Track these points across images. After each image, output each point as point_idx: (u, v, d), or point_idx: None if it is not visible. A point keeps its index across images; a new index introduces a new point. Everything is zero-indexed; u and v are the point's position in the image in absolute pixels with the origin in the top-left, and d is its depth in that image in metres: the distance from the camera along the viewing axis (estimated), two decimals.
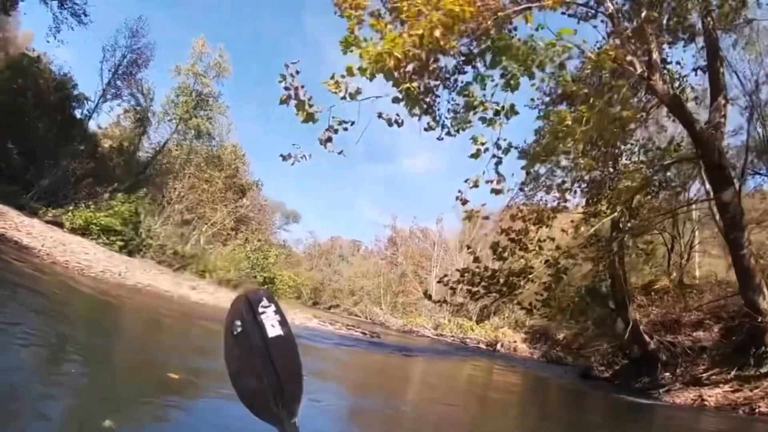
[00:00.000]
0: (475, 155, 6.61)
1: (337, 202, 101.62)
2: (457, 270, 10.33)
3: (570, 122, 6.32)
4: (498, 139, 6.59)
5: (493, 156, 7.25)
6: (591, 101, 6.78)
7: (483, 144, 6.45)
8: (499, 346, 34.96)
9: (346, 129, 6.81)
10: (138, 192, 23.81)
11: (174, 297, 14.79)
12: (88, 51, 65.01)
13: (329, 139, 6.73)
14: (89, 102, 27.69)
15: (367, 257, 65.85)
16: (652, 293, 19.38)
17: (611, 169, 14.42)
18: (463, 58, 9.08)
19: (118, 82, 29.98)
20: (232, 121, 35.53)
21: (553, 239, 9.85)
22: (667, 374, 14.72)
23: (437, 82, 9.62)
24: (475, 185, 7.34)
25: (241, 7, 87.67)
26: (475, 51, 8.46)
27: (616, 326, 16.68)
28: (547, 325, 35.05)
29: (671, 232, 21.61)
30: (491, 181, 7.11)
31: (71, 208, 21.05)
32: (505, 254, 9.17)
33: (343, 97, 6.18)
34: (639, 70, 8.21)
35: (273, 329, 0.82)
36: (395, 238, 60.32)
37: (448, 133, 10.32)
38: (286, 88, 6.14)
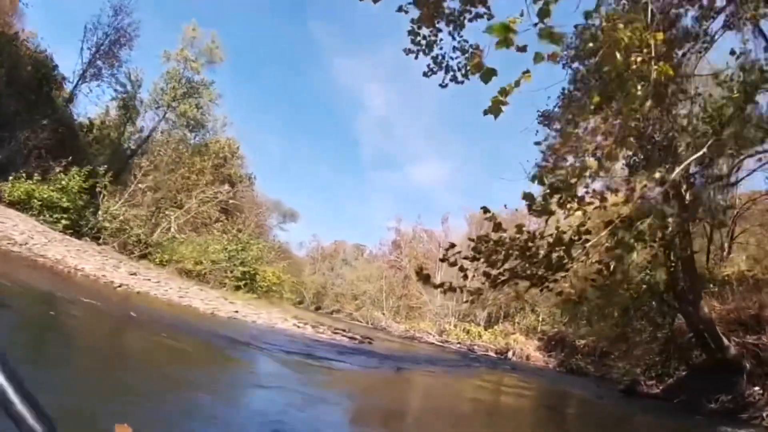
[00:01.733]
0: None
1: (343, 208, 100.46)
2: (470, 239, 6.67)
3: None
4: None
5: None
6: None
7: None
8: (510, 354, 31.94)
9: None
10: (96, 167, 20.46)
11: (78, 274, 11.42)
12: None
13: None
14: (68, 82, 26.60)
15: (371, 261, 63.46)
16: (712, 285, 15.36)
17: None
18: None
19: (99, 62, 28.35)
20: (227, 113, 34.12)
21: (616, 191, 6.28)
22: (755, 389, 11.19)
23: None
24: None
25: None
26: None
27: (673, 326, 13.05)
28: (564, 330, 31.85)
29: (710, 222, 18.55)
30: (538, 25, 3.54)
31: (11, 179, 18.08)
32: (551, 202, 5.53)
33: None
34: None
35: None
36: (399, 240, 57.90)
37: (454, 79, 8.46)
38: None
